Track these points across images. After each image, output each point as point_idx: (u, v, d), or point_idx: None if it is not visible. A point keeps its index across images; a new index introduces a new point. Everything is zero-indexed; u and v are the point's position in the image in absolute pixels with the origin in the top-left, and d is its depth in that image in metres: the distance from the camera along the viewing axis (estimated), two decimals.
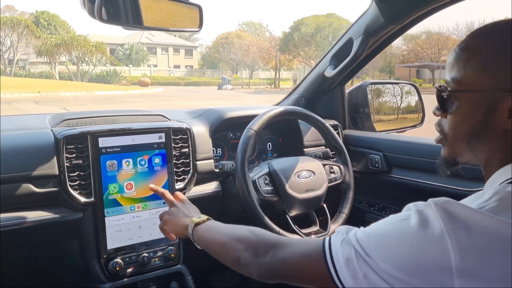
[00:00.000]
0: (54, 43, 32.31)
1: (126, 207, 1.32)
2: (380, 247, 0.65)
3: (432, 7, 1.46)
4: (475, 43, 0.73)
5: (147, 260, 1.34)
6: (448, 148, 0.81)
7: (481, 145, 0.73)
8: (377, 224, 0.70)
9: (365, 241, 0.67)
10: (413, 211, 0.65)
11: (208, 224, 1.01)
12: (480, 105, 0.71)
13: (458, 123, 0.76)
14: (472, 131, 0.73)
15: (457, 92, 0.74)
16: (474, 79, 0.71)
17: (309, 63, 36.68)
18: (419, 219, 0.63)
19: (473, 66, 0.71)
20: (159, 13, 1.20)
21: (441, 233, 0.59)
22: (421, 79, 36.61)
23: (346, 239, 0.69)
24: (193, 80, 39.32)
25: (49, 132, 1.29)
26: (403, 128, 2.09)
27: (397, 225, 0.66)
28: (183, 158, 1.43)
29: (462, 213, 0.61)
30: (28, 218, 1.19)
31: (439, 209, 0.62)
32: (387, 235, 0.66)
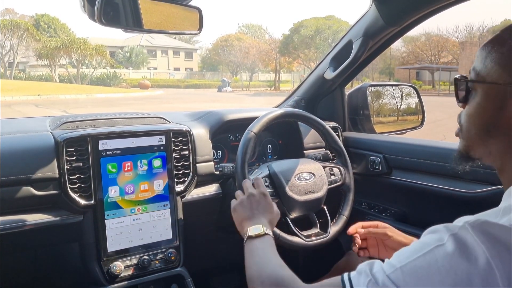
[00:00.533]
0: (54, 46, 32.35)
1: (126, 210, 1.32)
2: (419, 281, 0.59)
3: (431, 9, 1.47)
4: (502, 36, 0.72)
5: (147, 262, 1.33)
6: (463, 141, 0.79)
7: (493, 141, 0.72)
8: (405, 254, 0.63)
9: (399, 277, 0.60)
10: (447, 235, 0.60)
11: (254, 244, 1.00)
12: (493, 98, 0.70)
13: (472, 115, 0.75)
14: (484, 125, 0.73)
15: (473, 82, 0.74)
16: (491, 71, 0.71)
17: (309, 65, 36.71)
18: (457, 245, 0.58)
19: (492, 58, 0.71)
20: (159, 16, 1.20)
21: (487, 261, 0.56)
22: (421, 81, 36.65)
23: (372, 281, 0.62)
24: (193, 83, 39.34)
25: (49, 135, 1.29)
26: (403, 130, 2.09)
27: (434, 253, 0.60)
28: (183, 161, 1.43)
29: (502, 235, 0.58)
30: (28, 221, 1.19)
31: (478, 233, 0.58)
32: (426, 268, 0.59)
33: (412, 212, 1.64)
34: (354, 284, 0.65)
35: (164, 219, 1.39)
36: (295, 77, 42.07)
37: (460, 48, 33.59)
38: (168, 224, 1.39)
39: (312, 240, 1.35)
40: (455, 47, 37.96)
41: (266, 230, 1.03)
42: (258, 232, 1.02)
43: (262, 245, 0.99)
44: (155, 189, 1.37)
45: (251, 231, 1.03)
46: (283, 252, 0.99)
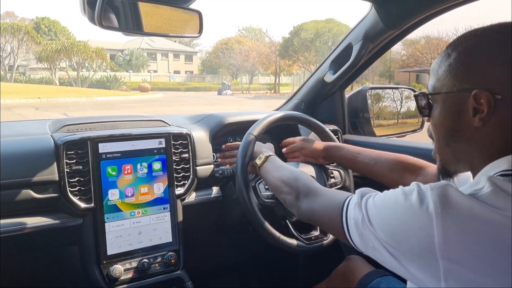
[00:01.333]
0: (54, 49, 32.43)
1: (126, 213, 1.32)
2: (378, 216, 0.72)
3: (431, 12, 1.47)
4: (447, 50, 0.79)
5: (147, 266, 1.33)
6: (438, 157, 0.86)
7: (459, 146, 0.78)
8: (386, 193, 0.75)
9: (371, 209, 0.74)
10: (416, 190, 0.69)
11: (265, 166, 1.25)
12: (450, 106, 0.77)
13: (436, 124, 0.82)
14: (447, 132, 0.79)
15: (429, 95, 0.82)
16: (444, 82, 0.77)
17: (308, 68, 36.75)
18: (417, 197, 0.67)
19: (443, 70, 0.78)
20: (159, 19, 1.20)
21: (429, 216, 0.63)
22: (421, 84, 36.64)
23: (359, 203, 0.78)
24: (193, 86, 39.39)
25: (49, 138, 1.29)
26: (403, 133, 2.09)
27: (398, 197, 0.71)
28: (183, 164, 1.43)
29: (455, 198, 0.64)
30: (28, 224, 1.19)
31: (435, 192, 0.65)
32: (386, 205, 0.72)
33: None
34: (351, 201, 0.82)
35: (164, 222, 1.39)
36: (295, 80, 42.09)
37: None
38: (168, 227, 1.39)
39: (312, 243, 1.35)
40: None
41: (266, 153, 1.28)
42: (262, 159, 1.27)
43: (270, 163, 1.24)
44: (155, 192, 1.37)
45: (257, 161, 1.28)
46: (283, 255, 0.99)
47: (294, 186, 1.04)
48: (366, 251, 0.76)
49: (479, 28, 0.76)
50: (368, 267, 1.41)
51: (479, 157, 0.75)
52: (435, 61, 0.82)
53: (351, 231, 0.78)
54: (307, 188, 1.00)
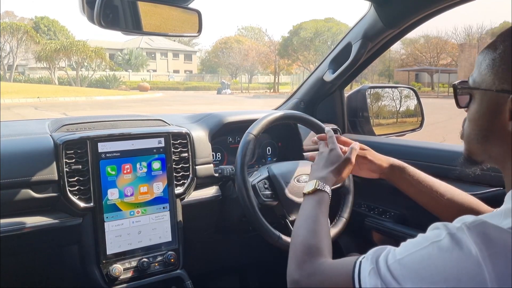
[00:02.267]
0: (54, 48, 32.43)
1: (125, 212, 1.32)
2: (413, 276, 0.62)
3: (430, 11, 1.47)
4: (495, 42, 0.73)
5: (146, 265, 1.33)
6: (465, 145, 0.81)
7: (491, 147, 0.73)
8: (407, 246, 0.67)
9: (397, 269, 0.64)
10: (445, 233, 0.62)
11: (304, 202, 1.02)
12: (488, 104, 0.71)
13: (471, 120, 0.76)
14: (481, 132, 0.74)
15: (468, 89, 0.75)
16: (485, 77, 0.71)
17: (308, 68, 36.78)
18: (451, 244, 0.60)
19: (486, 65, 0.72)
20: (158, 19, 1.20)
21: (477, 262, 0.57)
22: (420, 83, 36.70)
23: (375, 268, 0.67)
24: (193, 85, 39.40)
25: (48, 137, 1.29)
26: (402, 132, 2.09)
27: (429, 249, 0.63)
28: (182, 163, 1.43)
29: (497, 236, 0.59)
30: (27, 223, 1.19)
31: (473, 234, 0.59)
32: (420, 262, 0.63)
33: (412, 214, 1.64)
34: (362, 269, 0.70)
35: (164, 222, 1.39)
36: (295, 79, 42.10)
37: (459, 50, 33.67)
38: (168, 226, 1.39)
39: None
40: (454, 49, 38.04)
41: (318, 185, 1.02)
42: (310, 188, 1.02)
43: (310, 204, 1.00)
44: (154, 192, 1.37)
45: (305, 188, 1.04)
46: (283, 254, 0.99)
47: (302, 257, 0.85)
48: None
49: None
50: None
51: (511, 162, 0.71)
52: (482, 52, 0.75)
53: None
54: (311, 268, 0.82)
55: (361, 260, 0.72)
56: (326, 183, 1.03)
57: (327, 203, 1.01)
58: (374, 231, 1.71)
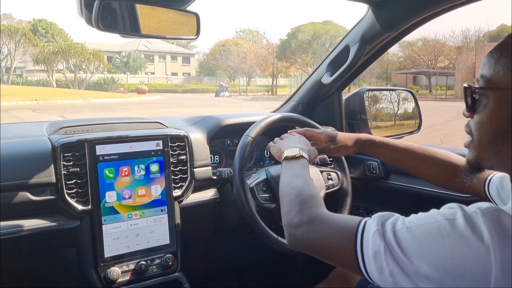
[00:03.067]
0: (52, 51, 32.40)
1: (123, 215, 1.32)
2: (418, 246, 0.63)
3: (428, 14, 1.47)
4: (510, 42, 0.72)
5: (144, 268, 1.33)
6: (474, 151, 0.78)
7: (507, 149, 0.71)
8: (418, 217, 0.67)
9: (403, 235, 0.65)
10: (460, 214, 0.63)
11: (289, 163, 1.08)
12: (507, 104, 0.69)
13: (484, 123, 0.73)
14: (497, 132, 0.71)
15: (485, 89, 0.73)
16: (503, 77, 0.70)
17: (306, 70, 36.83)
18: (466, 224, 0.61)
19: (503, 65, 0.70)
20: (156, 21, 1.20)
21: (486, 246, 0.58)
22: (418, 85, 36.79)
23: (380, 230, 0.68)
24: (191, 87, 39.40)
25: (46, 140, 1.29)
26: (400, 135, 2.09)
27: (442, 224, 0.63)
28: (180, 165, 1.43)
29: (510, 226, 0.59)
30: (25, 226, 1.18)
31: (487, 218, 0.60)
32: (429, 235, 0.63)
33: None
34: (366, 228, 0.71)
35: (162, 224, 1.38)
36: (293, 81, 42.16)
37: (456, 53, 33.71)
38: (166, 229, 1.39)
39: None
40: (452, 52, 38.14)
41: (302, 153, 1.09)
42: (294, 153, 1.09)
43: (296, 165, 1.06)
44: (152, 194, 1.36)
45: (287, 152, 1.10)
46: (281, 257, 0.99)
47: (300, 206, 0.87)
48: (385, 285, 0.67)
49: None
50: None
51: None
52: (492, 52, 0.73)
53: (368, 263, 0.68)
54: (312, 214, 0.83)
55: (366, 220, 0.73)
56: (307, 154, 1.11)
57: (308, 168, 1.07)
58: None
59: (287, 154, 1.09)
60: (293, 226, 0.83)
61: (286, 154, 1.09)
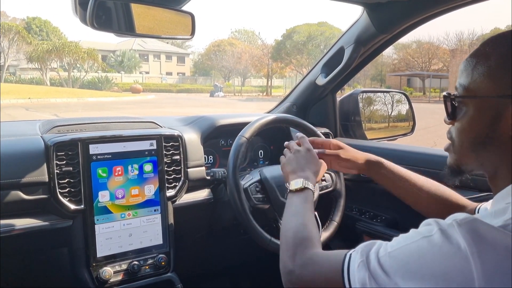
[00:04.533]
0: (46, 49, 32.22)
1: (116, 215, 1.31)
2: (401, 267, 0.64)
3: (422, 17, 1.48)
4: (484, 49, 0.73)
5: (137, 268, 1.32)
6: (454, 156, 0.81)
7: (487, 154, 0.73)
8: (398, 240, 0.68)
9: (386, 262, 0.66)
10: (436, 229, 0.63)
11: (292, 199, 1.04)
12: (486, 111, 0.71)
13: (465, 129, 0.76)
14: (478, 138, 0.73)
15: (463, 98, 0.75)
16: (480, 85, 0.72)
17: (301, 71, 36.89)
18: (442, 239, 0.61)
19: (480, 72, 0.72)
20: (151, 20, 1.20)
21: (465, 257, 0.58)
22: (412, 87, 36.97)
23: (364, 261, 0.68)
24: (185, 87, 39.33)
25: (39, 138, 1.28)
26: (394, 136, 2.10)
27: (420, 243, 0.64)
28: (174, 165, 1.43)
29: (487, 234, 0.59)
30: (16, 225, 1.18)
31: (463, 230, 0.60)
32: (409, 255, 0.64)
33: (403, 218, 1.65)
34: (351, 262, 0.71)
35: (155, 224, 1.38)
36: (287, 82, 42.20)
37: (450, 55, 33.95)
38: (159, 229, 1.39)
39: None
40: (446, 55, 38.37)
41: (305, 183, 1.06)
42: (298, 186, 1.05)
43: (298, 200, 1.03)
44: (145, 194, 1.36)
45: (292, 185, 1.07)
46: (275, 258, 1.00)
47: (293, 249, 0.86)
48: None
49: None
50: None
51: (505, 169, 0.72)
52: (468, 60, 0.75)
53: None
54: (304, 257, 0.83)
55: (351, 253, 0.74)
56: (310, 181, 1.07)
57: (312, 200, 1.05)
58: (366, 235, 1.71)
59: (291, 188, 1.07)
60: (287, 272, 0.85)
61: (290, 187, 1.07)
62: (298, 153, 1.17)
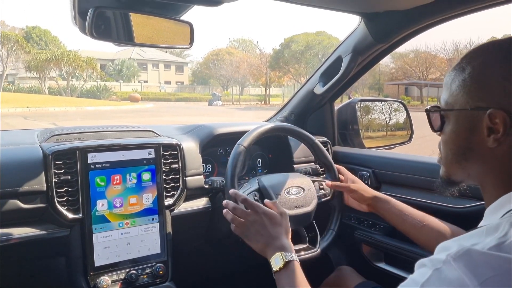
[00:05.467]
0: (44, 58, 32.27)
1: (114, 224, 1.31)
2: None
3: (419, 26, 1.49)
4: (462, 63, 0.75)
5: (135, 277, 1.32)
6: (443, 167, 0.83)
7: (470, 165, 0.75)
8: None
9: None
10: (431, 272, 0.61)
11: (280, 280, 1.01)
12: (463, 124, 0.73)
13: (447, 141, 0.78)
14: (459, 149, 0.75)
15: (441, 111, 0.78)
16: (457, 98, 0.74)
17: (299, 80, 37.00)
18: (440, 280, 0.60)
19: (456, 86, 0.74)
20: (150, 30, 1.21)
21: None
22: (410, 96, 37.07)
23: None
24: (184, 96, 39.37)
25: (37, 147, 1.28)
26: (392, 145, 2.10)
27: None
28: (172, 174, 1.43)
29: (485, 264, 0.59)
30: (14, 234, 1.17)
31: (460, 265, 0.59)
32: None
33: None
34: None
35: (153, 233, 1.38)
36: (286, 91, 42.31)
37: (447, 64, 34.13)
38: (157, 238, 1.38)
39: (302, 255, 1.35)
40: (443, 64, 38.55)
41: (285, 257, 1.02)
42: (280, 264, 1.01)
43: (286, 281, 1.00)
44: (144, 203, 1.36)
45: (273, 265, 1.03)
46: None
47: None
48: None
49: (494, 42, 0.73)
50: (359, 278, 1.41)
51: (491, 180, 0.72)
52: (448, 74, 0.78)
53: None
54: None
55: None
56: (289, 251, 1.04)
57: (300, 269, 1.01)
58: (364, 243, 1.71)
59: (274, 269, 1.02)
60: None
61: (274, 268, 1.02)
62: (259, 223, 1.11)
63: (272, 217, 1.12)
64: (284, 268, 1.01)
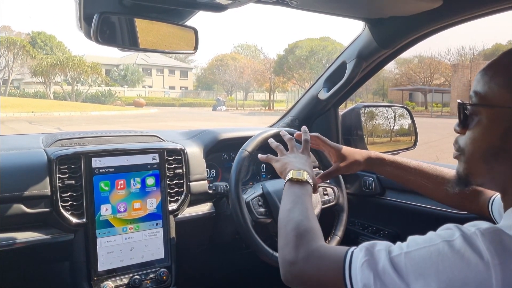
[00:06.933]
0: (50, 63, 32.48)
1: (118, 228, 1.31)
2: (418, 268, 0.62)
3: (423, 32, 1.49)
4: (504, 60, 0.72)
5: (138, 282, 1.31)
6: (464, 164, 0.78)
7: (499, 166, 0.71)
8: (417, 241, 0.66)
9: (401, 261, 0.64)
10: (458, 235, 0.62)
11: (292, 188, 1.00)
12: (500, 122, 0.70)
13: (477, 139, 0.74)
14: (490, 149, 0.72)
15: (478, 106, 0.74)
16: (497, 95, 0.70)
17: (303, 86, 37.02)
18: (466, 244, 0.60)
19: (497, 82, 0.71)
20: (155, 35, 1.21)
21: (487, 267, 0.58)
22: (414, 102, 36.99)
23: (369, 261, 0.66)
24: (188, 101, 39.46)
25: (42, 152, 1.29)
26: (396, 151, 2.09)
27: (440, 246, 0.62)
28: (176, 179, 1.43)
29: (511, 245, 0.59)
30: (18, 239, 1.17)
31: (487, 239, 0.60)
32: (428, 258, 0.62)
33: (406, 232, 1.63)
34: (353, 260, 0.69)
35: (157, 238, 1.37)
36: (290, 97, 42.34)
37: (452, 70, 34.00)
38: (161, 243, 1.38)
39: None
40: (447, 70, 38.47)
41: (307, 177, 1.02)
42: (300, 177, 1.01)
43: (299, 191, 0.99)
44: (147, 208, 1.36)
45: (293, 173, 1.02)
46: (277, 272, 0.99)
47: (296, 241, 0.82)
48: None
49: None
50: None
51: None
52: (486, 69, 0.74)
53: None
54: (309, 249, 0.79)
55: (353, 250, 0.71)
56: (311, 178, 1.04)
57: (312, 196, 1.01)
58: None
59: (292, 176, 1.01)
60: (288, 263, 0.80)
61: (291, 176, 1.01)
62: (298, 154, 1.16)
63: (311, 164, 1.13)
64: (300, 183, 1.01)
